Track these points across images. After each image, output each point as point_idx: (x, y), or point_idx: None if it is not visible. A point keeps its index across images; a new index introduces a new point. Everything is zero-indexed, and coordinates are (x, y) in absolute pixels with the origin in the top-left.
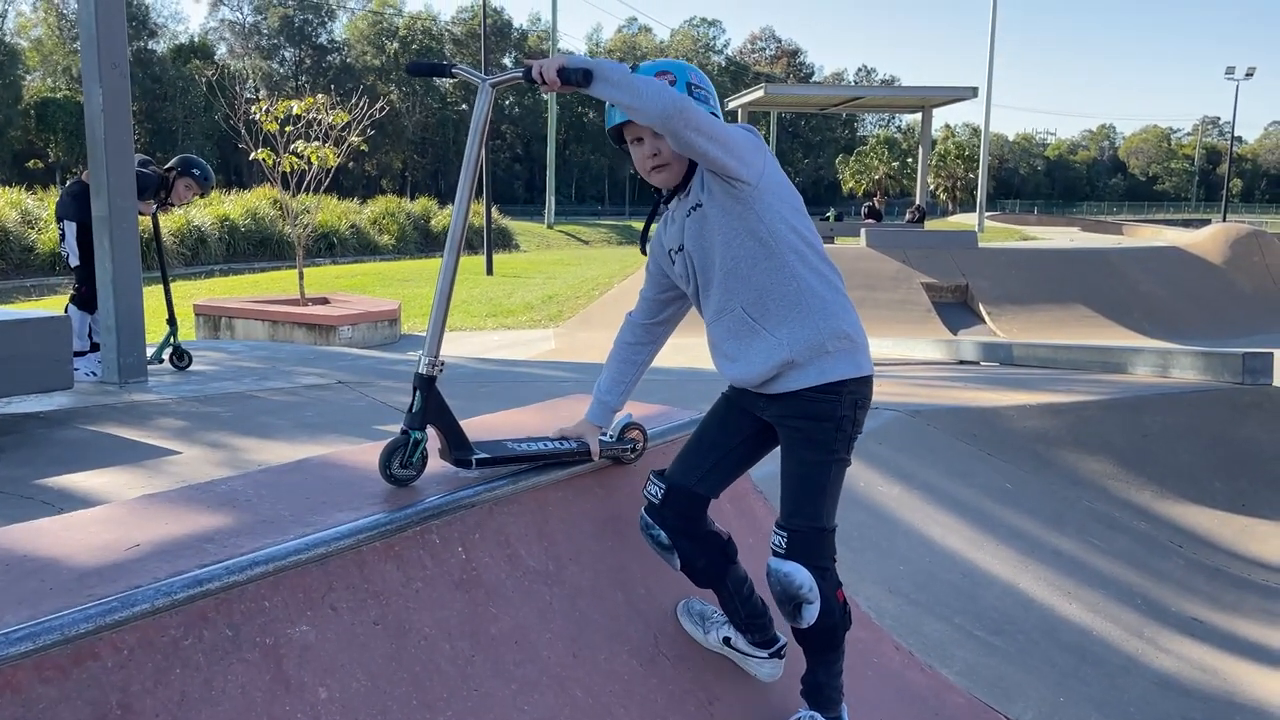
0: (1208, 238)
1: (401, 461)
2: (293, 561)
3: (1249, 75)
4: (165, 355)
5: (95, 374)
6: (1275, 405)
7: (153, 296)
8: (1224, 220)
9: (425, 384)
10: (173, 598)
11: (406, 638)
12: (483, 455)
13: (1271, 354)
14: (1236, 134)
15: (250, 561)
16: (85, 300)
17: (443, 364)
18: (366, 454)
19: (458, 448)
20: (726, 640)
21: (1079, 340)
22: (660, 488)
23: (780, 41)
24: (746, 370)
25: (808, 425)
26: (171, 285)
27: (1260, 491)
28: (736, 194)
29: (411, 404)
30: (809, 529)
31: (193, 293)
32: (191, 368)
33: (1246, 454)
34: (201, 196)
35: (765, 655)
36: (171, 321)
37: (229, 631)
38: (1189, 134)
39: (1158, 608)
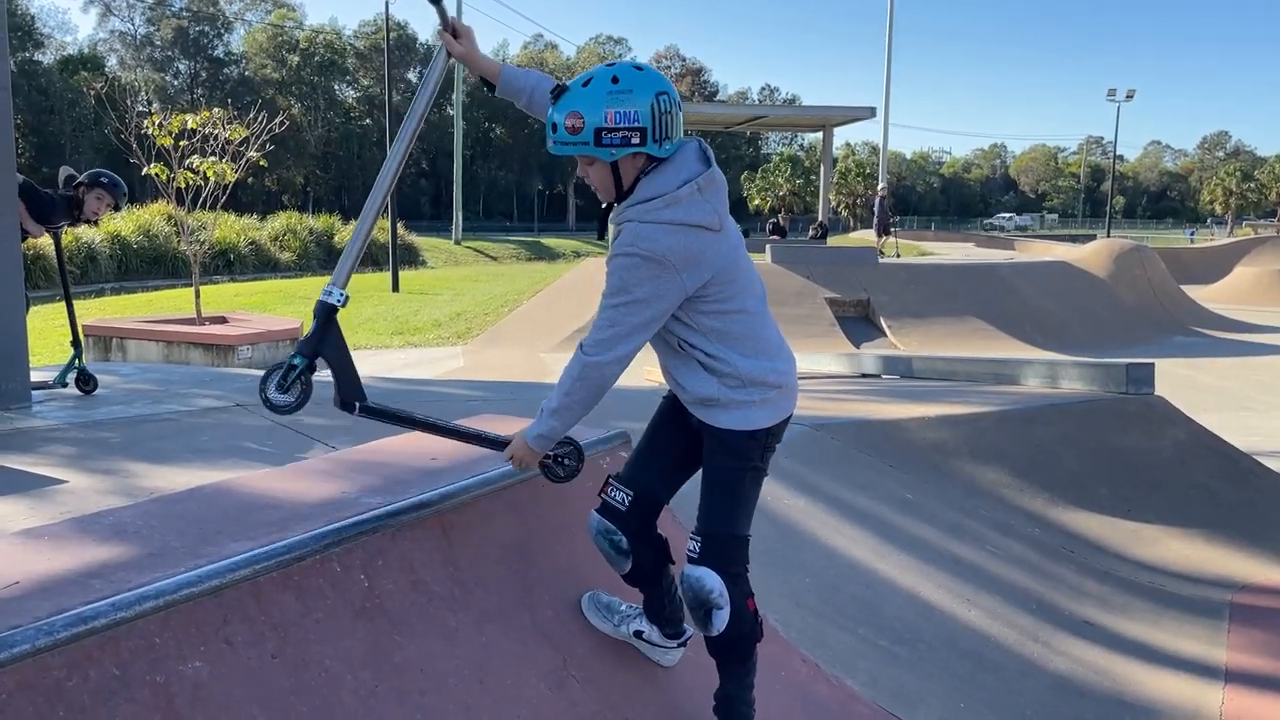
0: (1093, 253)
1: (278, 385)
2: (184, 595)
3: (1129, 97)
4: (69, 379)
5: None
6: (1156, 414)
7: (38, 317)
8: (1108, 236)
9: (324, 311)
10: (55, 637)
11: (306, 670)
12: (369, 405)
13: (1152, 365)
14: (1119, 153)
15: (138, 597)
16: None
17: (347, 297)
18: (263, 480)
19: (346, 389)
20: (638, 634)
21: (974, 352)
22: (628, 494)
23: (685, 60)
24: (680, 391)
25: (724, 433)
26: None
27: (1144, 497)
28: None
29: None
30: (722, 534)
31: (82, 312)
32: None
33: (1131, 461)
34: (116, 209)
35: (675, 645)
36: (76, 344)
37: (116, 671)
38: (1075, 153)
39: (1052, 612)
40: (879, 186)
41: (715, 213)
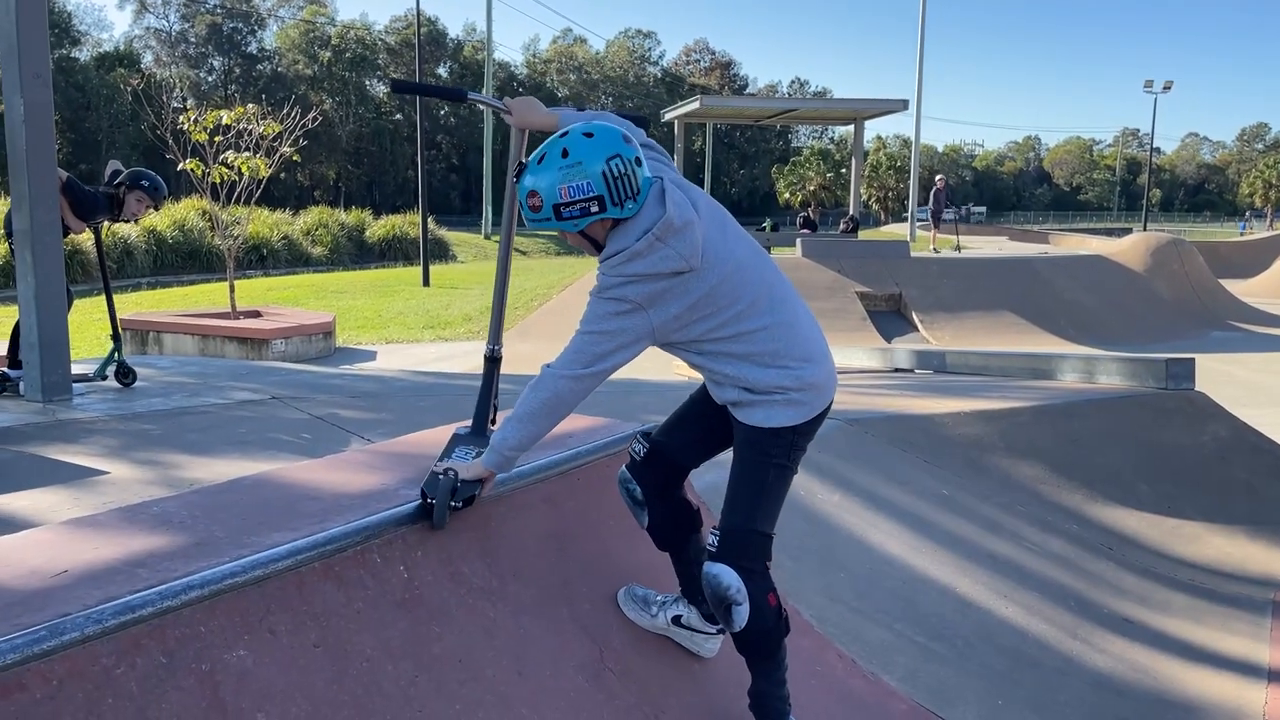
0: (1130, 246)
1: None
2: (229, 584)
3: (1166, 89)
4: (109, 372)
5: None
6: (1196, 409)
7: (77, 311)
8: (1145, 229)
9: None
10: (104, 625)
11: (348, 660)
12: (428, 491)
13: (1192, 360)
14: (1155, 145)
15: (184, 585)
16: None
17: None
18: (303, 472)
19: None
20: (676, 619)
21: (1008, 347)
22: (644, 447)
23: (715, 53)
24: (710, 391)
25: (749, 429)
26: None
27: (1184, 493)
28: None
29: None
30: (740, 530)
31: (120, 306)
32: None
33: (1170, 457)
34: (155, 209)
35: (714, 631)
36: (115, 337)
37: (163, 659)
38: (1110, 145)
39: (1091, 609)
40: (937, 177)
41: (679, 256)
